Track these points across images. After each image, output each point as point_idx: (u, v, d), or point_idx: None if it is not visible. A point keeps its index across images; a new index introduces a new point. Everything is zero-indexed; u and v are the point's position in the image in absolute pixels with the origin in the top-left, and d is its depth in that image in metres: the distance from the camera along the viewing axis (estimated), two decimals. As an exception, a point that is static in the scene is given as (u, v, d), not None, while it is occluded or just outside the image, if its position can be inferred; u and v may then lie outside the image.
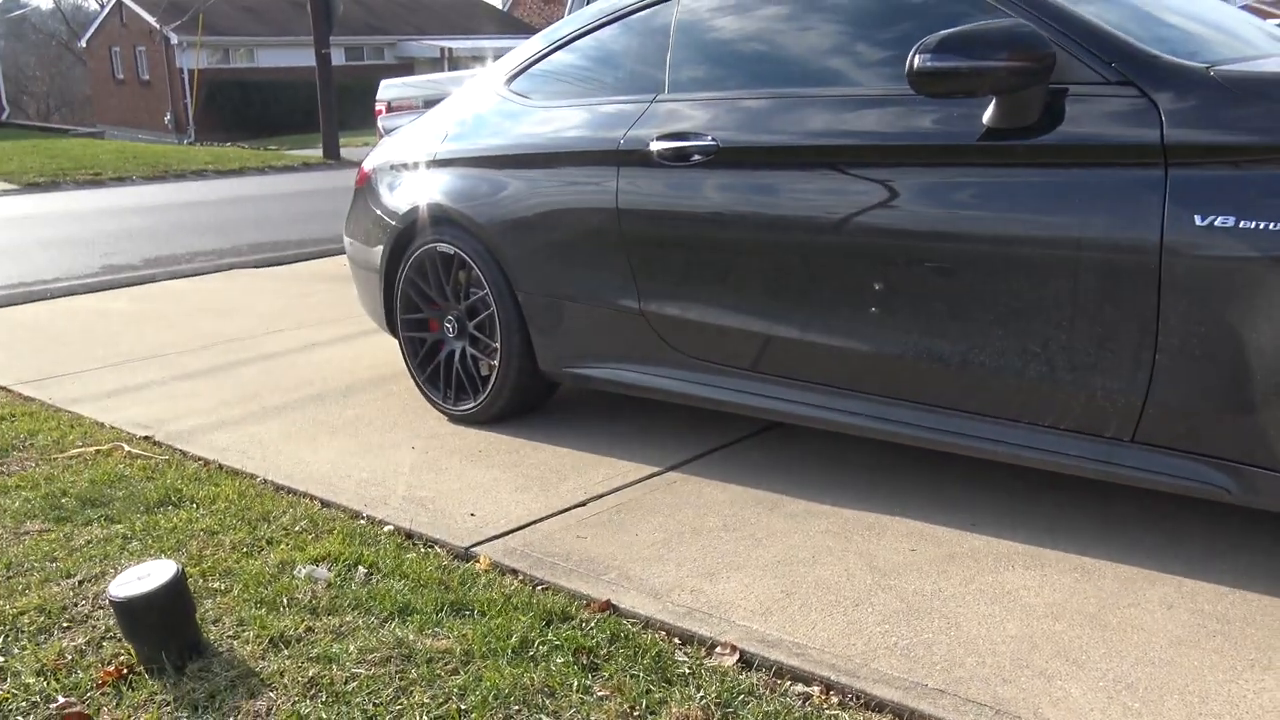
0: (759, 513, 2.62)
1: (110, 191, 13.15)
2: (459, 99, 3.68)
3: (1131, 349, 2.12)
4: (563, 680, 1.90)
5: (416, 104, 6.82)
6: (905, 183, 2.41)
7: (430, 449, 3.23)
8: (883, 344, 2.49)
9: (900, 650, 1.96)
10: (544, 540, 2.52)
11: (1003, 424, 2.35)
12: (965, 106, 2.30)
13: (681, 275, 2.85)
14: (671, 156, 2.82)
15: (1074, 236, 2.14)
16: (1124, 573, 2.22)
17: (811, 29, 2.73)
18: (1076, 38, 2.22)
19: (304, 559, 2.44)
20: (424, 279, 3.49)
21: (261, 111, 30.55)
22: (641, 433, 3.25)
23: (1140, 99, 2.09)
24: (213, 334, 4.98)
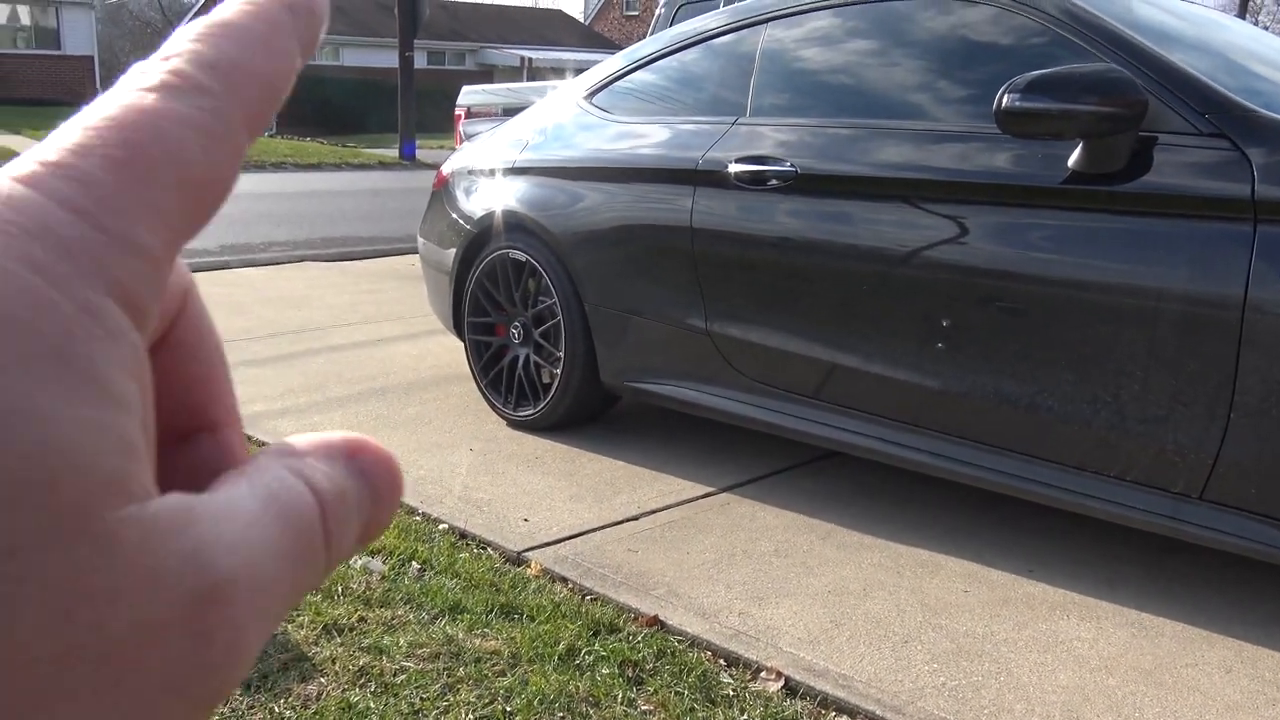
0: (812, 541, 2.61)
1: (192, 178, 13.48)
2: (540, 109, 3.73)
3: (1206, 404, 2.08)
4: (607, 691, 1.91)
5: (496, 111, 6.91)
6: (982, 220, 2.39)
7: (488, 452, 3.26)
8: (948, 381, 2.47)
9: (948, 691, 1.94)
10: (595, 551, 2.54)
11: (1067, 471, 2.32)
12: (1049, 148, 2.28)
13: (750, 298, 2.86)
14: (749, 179, 2.83)
15: (1154, 287, 2.11)
16: (1183, 632, 2.18)
17: (896, 63, 2.73)
18: (1170, 86, 2.19)
19: (360, 550, 2.48)
20: (494, 284, 3.53)
21: (342, 109, 31.14)
22: (698, 452, 3.26)
23: (1232, 152, 2.06)
24: (282, 323, 5.09)
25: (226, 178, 0.20)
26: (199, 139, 0.19)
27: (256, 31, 0.20)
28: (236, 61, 0.20)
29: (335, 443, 0.22)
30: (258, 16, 0.20)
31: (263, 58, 0.20)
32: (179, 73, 0.19)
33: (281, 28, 0.21)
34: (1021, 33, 2.48)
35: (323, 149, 18.67)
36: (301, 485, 0.21)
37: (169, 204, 0.19)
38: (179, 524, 0.18)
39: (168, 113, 0.19)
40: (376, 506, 0.22)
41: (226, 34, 0.20)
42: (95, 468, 0.17)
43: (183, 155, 0.19)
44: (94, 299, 0.18)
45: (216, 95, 0.19)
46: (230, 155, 0.20)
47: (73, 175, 0.18)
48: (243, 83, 0.20)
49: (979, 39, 2.59)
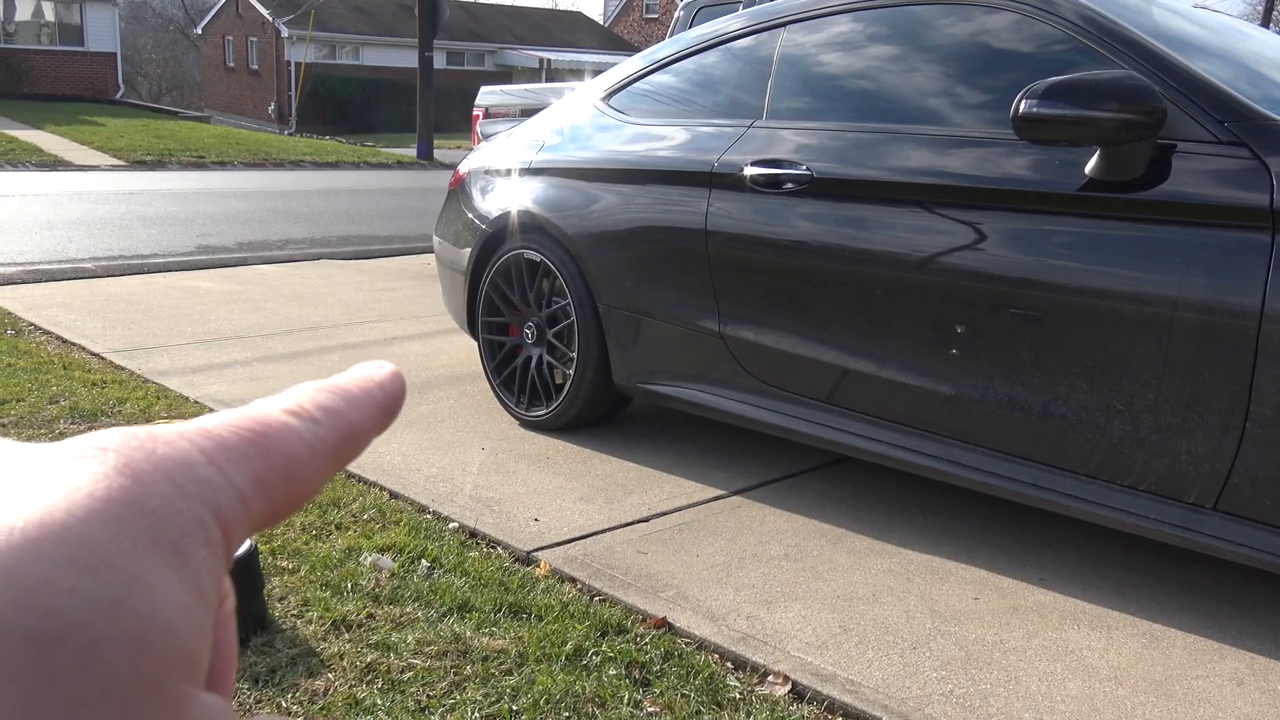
0: (821, 545, 2.61)
1: (212, 174, 13.57)
2: (557, 110, 3.73)
3: (1221, 414, 2.07)
4: (614, 692, 1.91)
5: (514, 112, 6.92)
6: (998, 226, 2.38)
7: (499, 451, 3.27)
8: (961, 387, 2.46)
9: (956, 698, 1.93)
10: (605, 552, 2.54)
11: (1080, 479, 2.31)
12: (1066, 154, 2.27)
13: (764, 301, 2.85)
14: (764, 183, 2.83)
15: (1170, 295, 2.10)
16: (1194, 643, 2.16)
17: (913, 68, 2.72)
18: (1189, 94, 2.18)
19: (370, 547, 2.49)
20: (508, 284, 3.54)
21: (361, 108, 31.28)
22: (709, 454, 3.25)
23: (1252, 161, 2.05)
24: (297, 320, 5.11)
25: (314, 483, 0.26)
26: (304, 448, 0.25)
27: (358, 396, 0.28)
28: (342, 411, 0.27)
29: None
30: (360, 387, 0.28)
31: (356, 413, 0.27)
32: (303, 407, 0.26)
33: (374, 398, 0.28)
34: (1039, 39, 2.47)
35: (341, 148, 18.74)
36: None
37: (273, 479, 0.24)
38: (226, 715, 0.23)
39: (290, 425, 0.26)
40: None
41: (339, 392, 0.28)
42: (182, 642, 0.21)
43: (290, 452, 0.25)
44: (205, 516, 0.23)
45: (324, 427, 0.26)
46: (320, 469, 0.26)
47: (213, 437, 0.24)
48: (342, 425, 0.27)
49: (996, 45, 2.58)
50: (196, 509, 0.22)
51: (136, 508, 0.21)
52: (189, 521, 0.22)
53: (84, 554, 0.20)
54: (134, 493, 0.21)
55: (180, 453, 0.23)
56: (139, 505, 0.21)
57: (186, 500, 0.22)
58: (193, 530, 0.22)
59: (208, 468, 0.23)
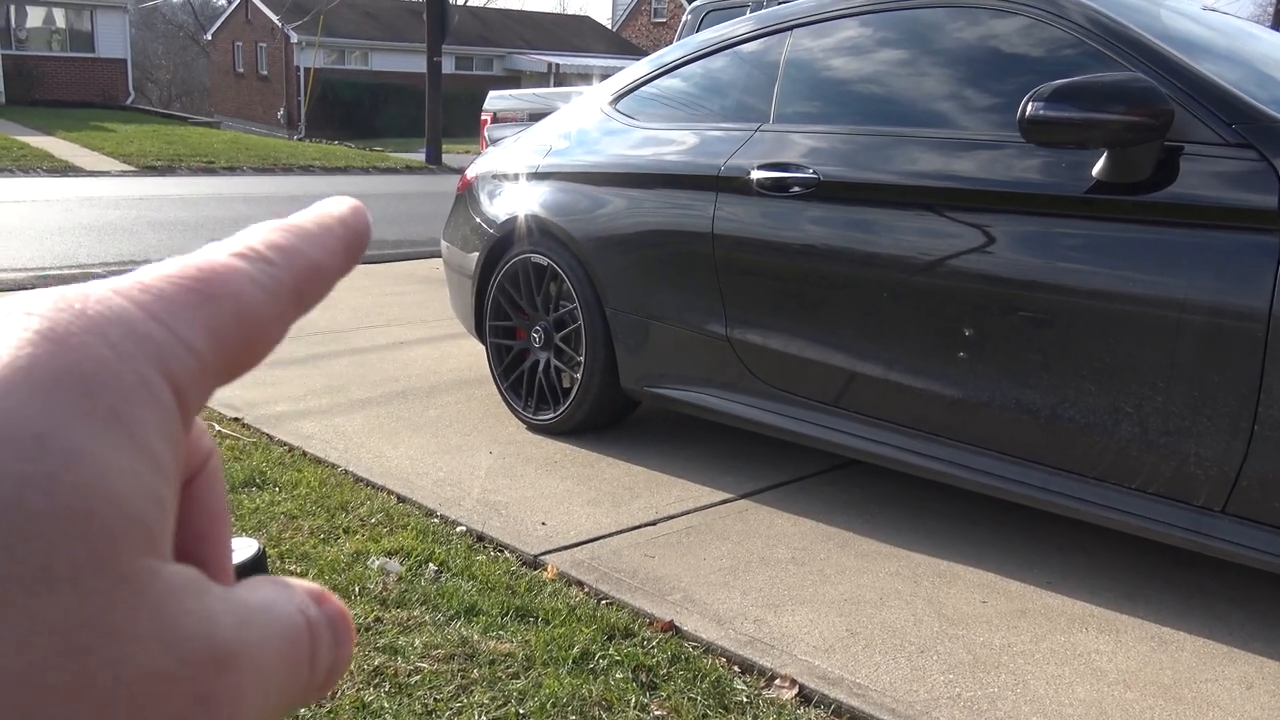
0: (829, 549, 2.60)
1: (221, 179, 13.62)
2: (564, 115, 3.74)
3: (1229, 417, 2.06)
4: (620, 695, 1.91)
5: (522, 116, 6.93)
6: (1005, 229, 2.38)
7: (507, 455, 3.27)
8: (969, 390, 2.46)
9: (963, 702, 1.93)
10: (612, 555, 2.54)
11: (1088, 482, 2.30)
12: (1074, 157, 2.27)
13: (771, 305, 2.85)
14: (771, 186, 2.83)
15: (1178, 298, 2.09)
16: (1203, 647, 2.15)
17: (920, 71, 2.72)
18: (1196, 95, 2.17)
19: (378, 551, 2.49)
20: (515, 288, 3.55)
21: (370, 113, 31.38)
22: (716, 458, 3.25)
23: (1260, 163, 2.04)
24: (305, 324, 5.12)
25: (274, 331, 0.24)
26: (258, 290, 0.23)
27: (315, 233, 0.26)
28: (297, 248, 0.25)
29: (308, 587, 0.25)
30: (318, 223, 0.26)
31: (317, 251, 0.25)
32: (253, 247, 0.24)
33: (335, 234, 0.26)
34: (1045, 41, 2.47)
35: (350, 153, 18.80)
36: (293, 606, 0.23)
37: (224, 328, 0.22)
38: (195, 588, 0.21)
39: (238, 268, 0.23)
40: (338, 649, 0.24)
41: (293, 230, 0.25)
42: (132, 514, 0.19)
43: (242, 297, 0.23)
44: (150, 375, 0.21)
45: (278, 266, 0.24)
46: (280, 314, 0.24)
47: (153, 290, 0.22)
48: (299, 264, 0.25)
49: (1002, 47, 2.58)
50: (139, 368, 0.20)
51: (66, 374, 0.19)
52: (130, 384, 0.20)
53: (8, 429, 0.18)
54: (62, 358, 0.20)
55: (114, 310, 0.21)
56: (69, 371, 0.19)
57: (125, 361, 0.20)
58: (135, 393, 0.20)
59: (148, 323, 0.21)
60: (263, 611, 0.22)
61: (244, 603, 0.22)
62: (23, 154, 14.31)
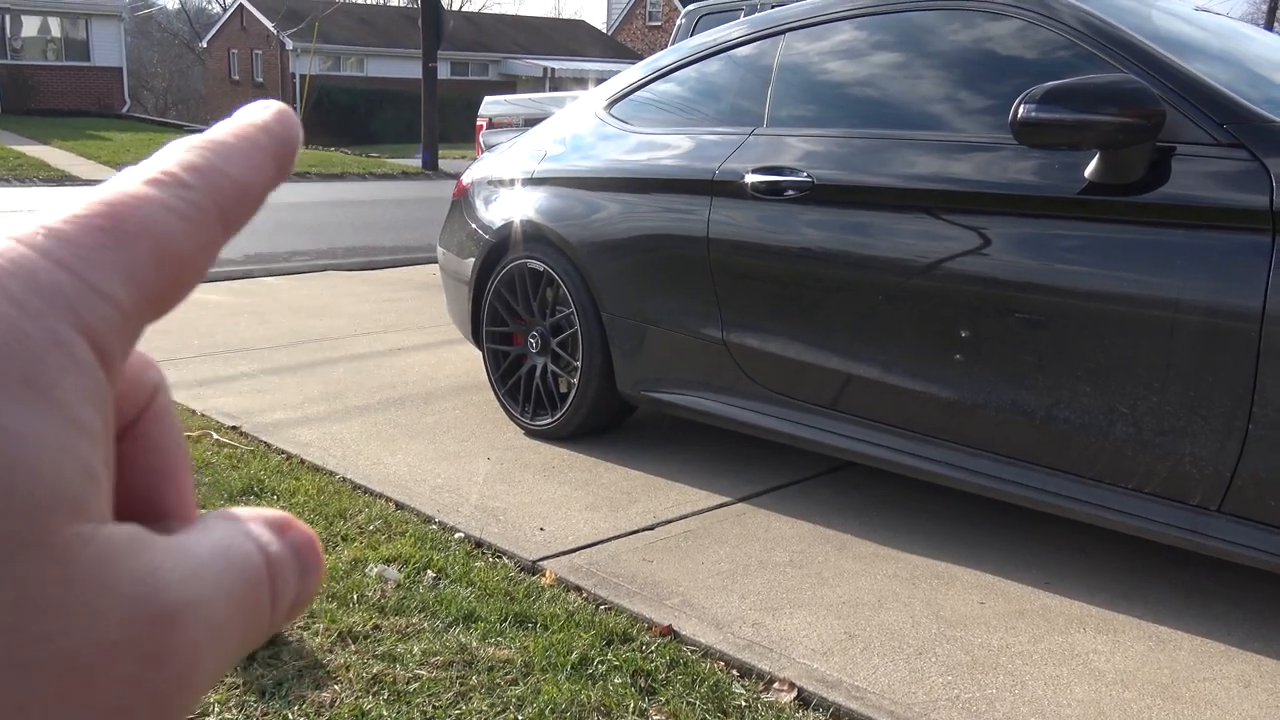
0: (827, 552, 2.61)
1: (217, 187, 13.61)
2: (559, 120, 3.74)
3: (1224, 416, 2.06)
4: (619, 701, 1.91)
5: (517, 122, 6.93)
6: (999, 231, 2.39)
7: (505, 461, 3.27)
8: (965, 392, 2.46)
9: (962, 704, 1.93)
10: (610, 560, 2.54)
11: (1084, 483, 2.30)
12: (1067, 159, 2.28)
13: (767, 308, 2.86)
14: (765, 190, 2.84)
15: (1172, 298, 2.10)
16: (1201, 646, 2.16)
17: (913, 74, 2.73)
18: (1188, 96, 2.18)
19: (376, 558, 2.49)
20: (512, 293, 3.55)
21: (366, 119, 31.37)
22: (714, 461, 3.25)
23: (1251, 162, 2.05)
24: (304, 332, 5.12)
25: (199, 261, 0.22)
26: (176, 220, 0.21)
27: (236, 146, 0.23)
28: (217, 167, 0.23)
29: (270, 516, 0.24)
30: (239, 135, 0.24)
31: (239, 167, 0.23)
32: (166, 170, 0.22)
33: (259, 145, 0.24)
34: (1038, 43, 2.48)
35: (346, 159, 18.80)
36: (251, 544, 0.22)
37: (142, 268, 0.21)
38: (134, 547, 0.20)
39: (150, 197, 0.21)
40: (305, 578, 0.24)
41: (210, 146, 0.23)
42: (55, 484, 0.18)
43: (158, 230, 0.21)
44: (64, 333, 0.19)
45: (196, 190, 0.22)
46: (204, 243, 0.22)
47: (58, 235, 0.20)
48: (221, 184, 0.22)
49: (995, 50, 2.58)
50: (50, 325, 0.19)
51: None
52: (41, 344, 0.19)
53: None
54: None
55: (16, 262, 0.19)
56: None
57: (34, 319, 0.19)
58: (48, 353, 0.19)
59: (56, 273, 0.19)
60: (216, 557, 0.21)
61: (193, 553, 0.21)
62: (19, 163, 14.31)
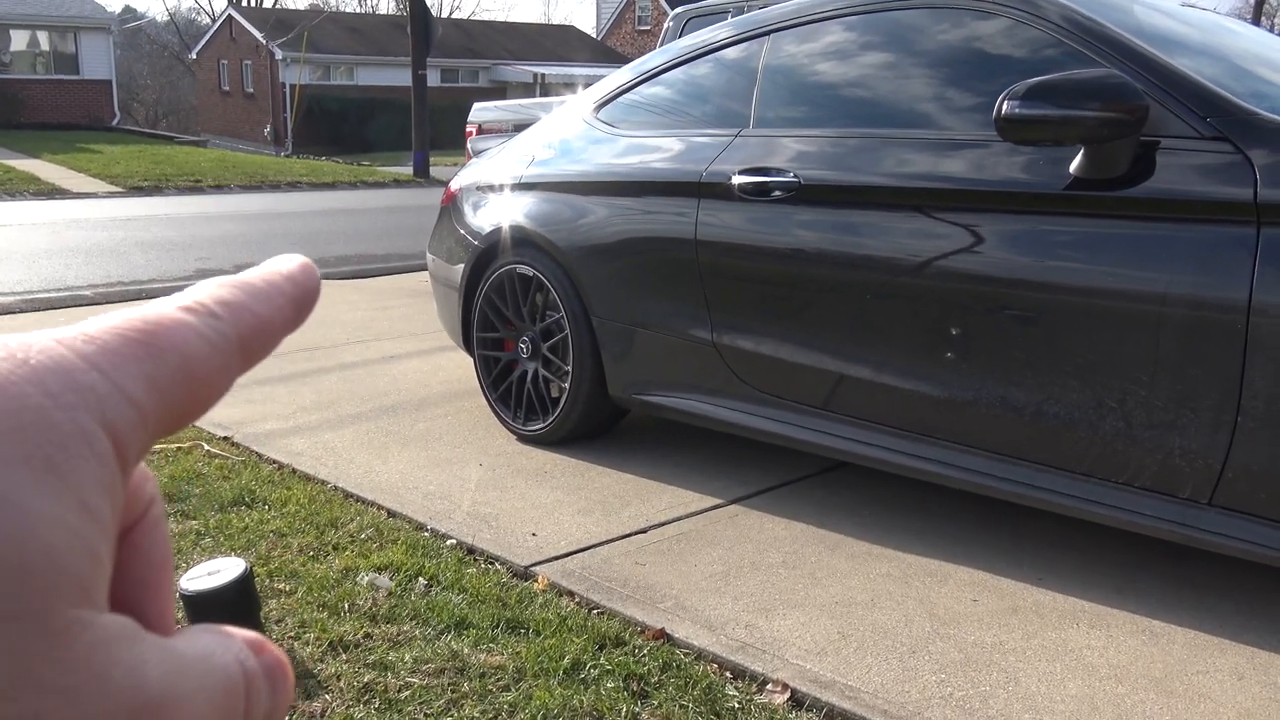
0: (819, 552, 2.60)
1: (209, 198, 13.60)
2: (547, 125, 3.74)
3: (1212, 409, 2.06)
4: (612, 705, 1.90)
5: (506, 127, 6.94)
6: (986, 229, 2.39)
7: (497, 467, 3.27)
8: (956, 390, 2.46)
9: (955, 701, 1.93)
10: (602, 564, 2.54)
11: (1075, 478, 2.30)
12: (1052, 155, 2.28)
13: (756, 309, 2.86)
14: (752, 191, 2.84)
15: (1159, 292, 2.10)
16: (1193, 639, 2.15)
17: (897, 72, 2.73)
18: (1171, 90, 2.18)
19: (367, 566, 2.49)
20: (502, 299, 3.54)
21: (357, 127, 31.37)
22: (706, 463, 3.25)
23: (1235, 155, 2.05)
24: (295, 341, 5.11)
25: (217, 384, 0.24)
26: (203, 345, 0.23)
27: (263, 289, 0.26)
28: (244, 304, 0.25)
29: (246, 636, 0.25)
30: (266, 280, 0.26)
31: (264, 307, 0.26)
32: (200, 301, 0.24)
33: (282, 291, 0.26)
34: (1022, 40, 2.48)
35: (338, 168, 18.79)
36: (231, 655, 0.24)
37: (167, 382, 0.22)
38: (127, 639, 0.21)
39: (184, 321, 0.24)
40: (275, 698, 0.25)
41: (241, 286, 0.26)
42: (64, 565, 0.19)
43: (186, 350, 0.23)
44: (89, 426, 0.21)
45: (224, 321, 0.24)
46: (224, 367, 0.24)
47: (96, 341, 0.22)
48: (246, 319, 0.25)
49: (980, 47, 2.59)
50: (78, 419, 0.20)
51: (3, 423, 0.19)
52: (68, 434, 0.20)
53: None
54: (1, 407, 0.20)
55: (56, 360, 0.21)
56: (7, 420, 0.19)
57: (65, 411, 0.20)
58: (73, 443, 0.20)
59: (89, 374, 0.21)
60: (199, 662, 0.22)
61: (180, 653, 0.22)
62: (9, 177, 14.29)
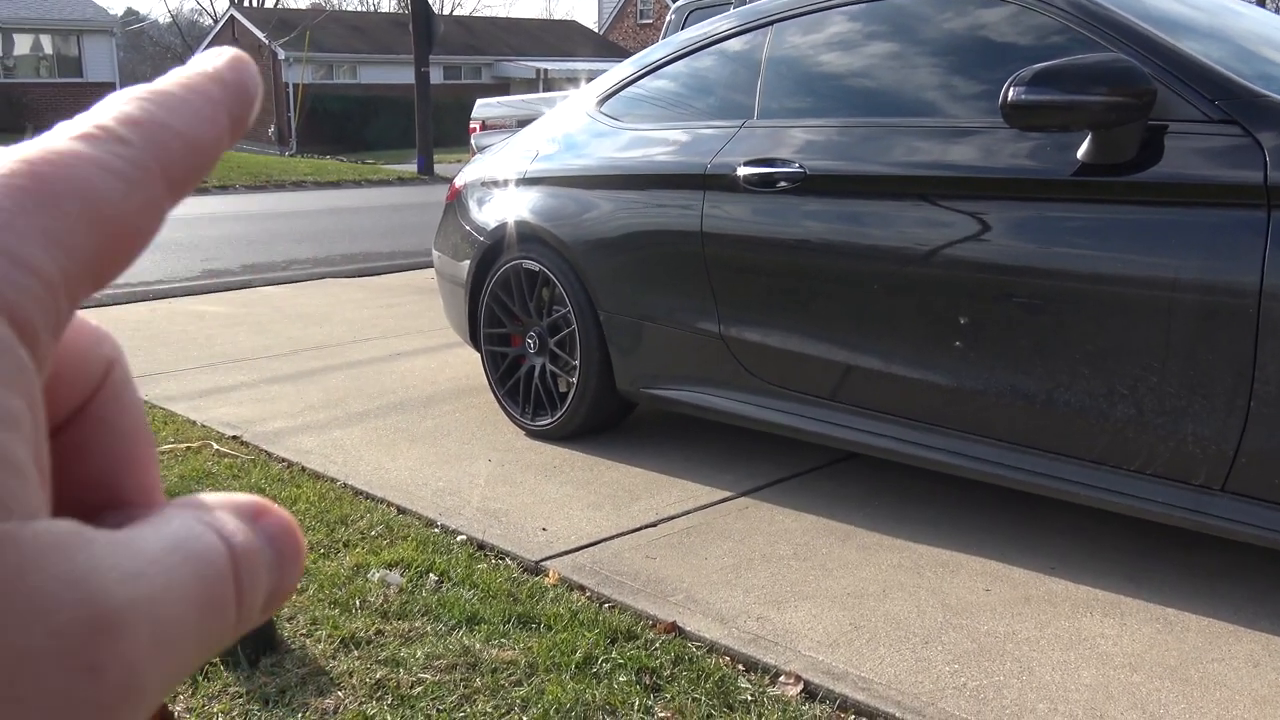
0: (830, 543, 2.60)
1: (214, 198, 13.61)
2: (550, 119, 3.73)
3: (1225, 395, 2.05)
4: (624, 699, 1.90)
5: (510, 123, 6.93)
6: (994, 216, 2.38)
7: (506, 462, 3.26)
8: (965, 379, 2.45)
9: (969, 692, 1.92)
10: (613, 558, 2.53)
11: (1087, 466, 2.29)
12: (1060, 141, 2.26)
13: (763, 301, 2.85)
14: (758, 182, 2.83)
15: (1169, 277, 2.09)
16: (1208, 626, 2.14)
17: (902, 61, 2.71)
18: (1178, 73, 2.17)
19: (378, 563, 2.48)
20: (508, 294, 3.54)
21: (361, 126, 31.38)
22: (715, 456, 3.24)
23: (1244, 138, 2.03)
24: (303, 340, 5.12)
25: (141, 225, 0.20)
26: (110, 180, 0.19)
27: (184, 98, 0.21)
28: (160, 121, 0.20)
29: (241, 502, 0.22)
30: (187, 86, 0.21)
31: (187, 121, 0.21)
32: (101, 125, 0.20)
33: (210, 98, 0.21)
34: (1027, 25, 2.47)
35: (342, 166, 18.80)
36: (212, 535, 0.20)
37: (72, 234, 0.19)
38: (68, 546, 0.17)
39: (81, 154, 0.19)
40: (282, 570, 0.22)
41: (154, 98, 0.21)
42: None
43: (90, 192, 0.19)
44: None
45: (135, 146, 0.20)
46: (146, 203, 0.20)
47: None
48: (164, 140, 0.20)
49: (984, 34, 2.57)
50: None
51: None
52: None
53: None
54: None
55: None
56: None
57: None
58: None
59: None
60: (169, 552, 0.19)
61: (140, 549, 0.19)
62: (15, 181, 14.29)
